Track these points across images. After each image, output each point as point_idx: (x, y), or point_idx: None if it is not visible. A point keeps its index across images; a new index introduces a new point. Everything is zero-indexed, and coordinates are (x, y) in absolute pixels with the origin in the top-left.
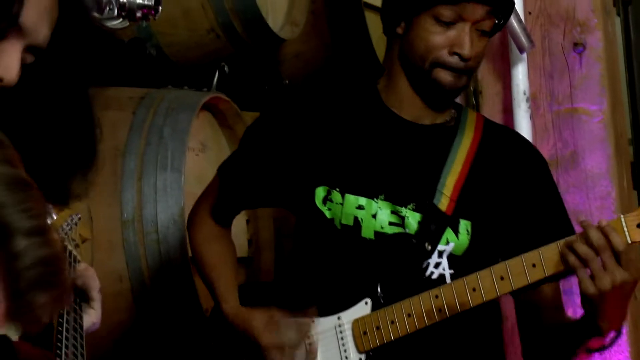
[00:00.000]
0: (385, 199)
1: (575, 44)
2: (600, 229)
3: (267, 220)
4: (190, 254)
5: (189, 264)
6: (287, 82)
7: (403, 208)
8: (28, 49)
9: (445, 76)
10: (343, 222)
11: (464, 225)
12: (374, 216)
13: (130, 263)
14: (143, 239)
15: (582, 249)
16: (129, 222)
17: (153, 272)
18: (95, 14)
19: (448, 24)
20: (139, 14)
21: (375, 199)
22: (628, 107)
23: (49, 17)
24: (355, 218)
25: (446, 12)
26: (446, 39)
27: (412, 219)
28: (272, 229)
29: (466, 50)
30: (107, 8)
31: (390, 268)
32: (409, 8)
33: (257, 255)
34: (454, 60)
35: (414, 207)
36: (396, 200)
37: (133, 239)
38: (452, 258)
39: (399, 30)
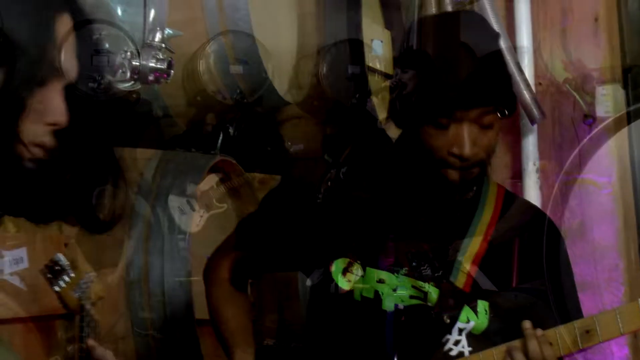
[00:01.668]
0: (407, 274)
1: (585, 116)
2: (537, 339)
3: (270, 283)
4: (196, 316)
5: (194, 326)
6: (289, 143)
7: (426, 284)
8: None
9: (452, 174)
10: (364, 294)
11: (482, 305)
12: (395, 290)
13: (136, 324)
14: (149, 300)
15: (518, 357)
16: (135, 283)
17: (158, 334)
18: (108, 77)
19: (446, 127)
20: (151, 77)
21: (396, 274)
22: (630, 176)
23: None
24: (376, 292)
25: (443, 120)
26: (445, 140)
27: (434, 293)
28: (275, 292)
29: (464, 151)
30: (120, 71)
31: (409, 338)
32: (411, 122)
33: (260, 318)
34: (456, 160)
35: (434, 284)
36: (417, 276)
37: (139, 300)
38: (471, 337)
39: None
